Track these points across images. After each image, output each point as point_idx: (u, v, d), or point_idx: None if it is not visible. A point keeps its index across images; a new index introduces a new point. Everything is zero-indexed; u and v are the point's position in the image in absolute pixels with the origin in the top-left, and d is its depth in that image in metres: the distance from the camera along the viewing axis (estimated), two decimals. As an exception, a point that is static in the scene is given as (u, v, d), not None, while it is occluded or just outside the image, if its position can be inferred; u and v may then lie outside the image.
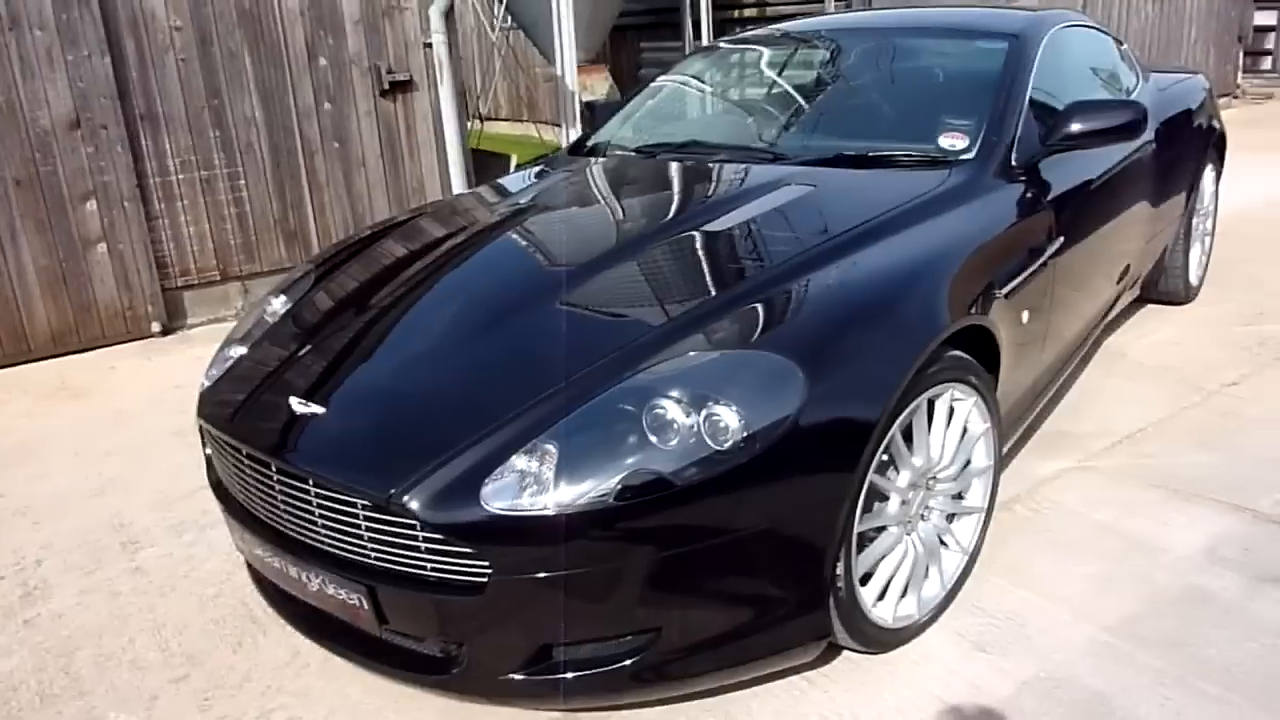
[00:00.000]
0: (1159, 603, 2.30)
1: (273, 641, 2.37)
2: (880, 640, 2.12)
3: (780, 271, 2.11)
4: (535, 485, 1.70)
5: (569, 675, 1.79)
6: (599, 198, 2.95)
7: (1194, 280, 4.37)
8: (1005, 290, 2.34)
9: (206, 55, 4.84)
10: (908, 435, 2.07)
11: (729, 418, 1.74)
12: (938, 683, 2.09)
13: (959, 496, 2.30)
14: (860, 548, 2.01)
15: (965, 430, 2.23)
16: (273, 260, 5.23)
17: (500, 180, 3.37)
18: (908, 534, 2.15)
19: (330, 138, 5.29)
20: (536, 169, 3.34)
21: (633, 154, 3.24)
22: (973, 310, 2.19)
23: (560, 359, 1.93)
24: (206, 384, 2.35)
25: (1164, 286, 4.22)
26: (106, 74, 4.54)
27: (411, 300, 2.33)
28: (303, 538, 1.94)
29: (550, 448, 1.73)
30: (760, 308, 1.99)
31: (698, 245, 2.35)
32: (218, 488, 2.29)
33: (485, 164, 6.46)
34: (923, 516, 2.20)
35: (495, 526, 1.69)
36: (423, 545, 1.76)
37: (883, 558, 2.11)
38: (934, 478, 2.19)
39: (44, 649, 2.42)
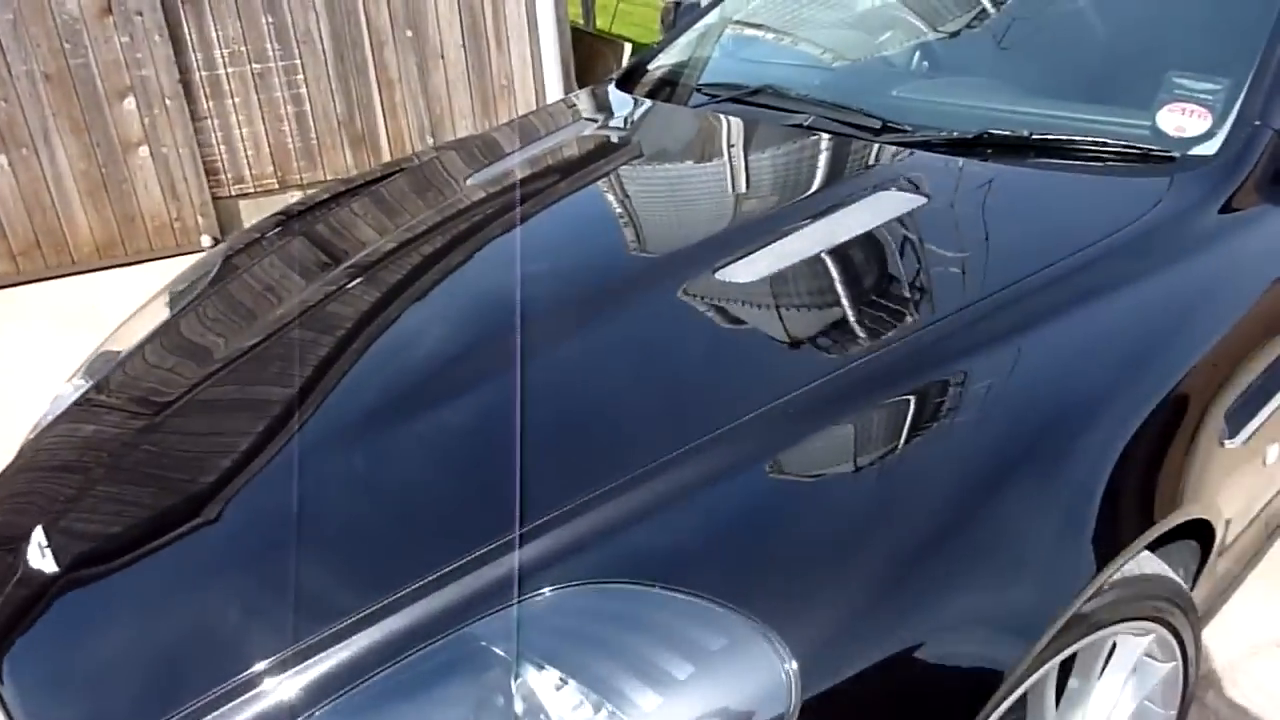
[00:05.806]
0: None
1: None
2: None
3: (798, 399, 1.18)
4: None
5: None
6: (585, 197, 1.91)
7: None
8: (1247, 434, 1.31)
9: (254, -75, 4.11)
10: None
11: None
12: None
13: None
14: None
15: (1133, 671, 1.30)
16: (337, 168, 4.59)
17: (480, 138, 2.45)
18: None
19: (402, 25, 4.49)
20: (557, 121, 2.39)
21: (680, 104, 2.23)
22: (1181, 492, 1.21)
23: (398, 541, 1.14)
24: (29, 438, 1.71)
25: None
26: (136, -52, 3.90)
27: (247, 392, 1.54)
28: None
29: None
30: (715, 498, 1.09)
31: (685, 320, 1.41)
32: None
33: (596, 53, 5.50)
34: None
35: None
36: None
37: None
38: (1062, 751, 1.29)
39: None
